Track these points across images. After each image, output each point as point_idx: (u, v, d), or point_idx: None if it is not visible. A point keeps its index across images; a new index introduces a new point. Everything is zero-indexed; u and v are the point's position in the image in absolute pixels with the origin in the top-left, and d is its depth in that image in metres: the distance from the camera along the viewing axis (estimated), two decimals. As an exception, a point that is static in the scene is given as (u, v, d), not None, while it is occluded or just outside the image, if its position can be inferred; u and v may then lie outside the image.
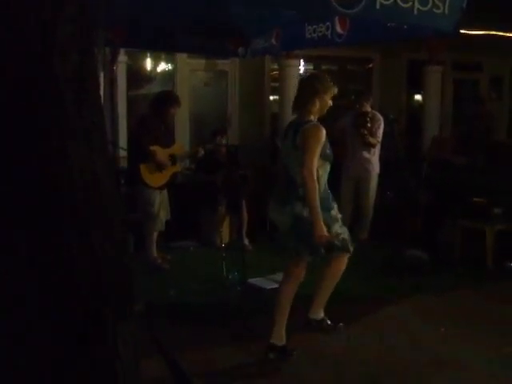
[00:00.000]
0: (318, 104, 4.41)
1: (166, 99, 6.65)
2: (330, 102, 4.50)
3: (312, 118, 4.43)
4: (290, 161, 4.43)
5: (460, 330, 5.09)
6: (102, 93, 5.03)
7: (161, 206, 6.64)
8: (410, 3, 4.37)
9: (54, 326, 2.21)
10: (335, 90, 4.51)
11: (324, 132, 4.31)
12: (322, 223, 4.19)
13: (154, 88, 10.47)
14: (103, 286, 2.24)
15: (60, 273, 2.20)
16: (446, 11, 4.57)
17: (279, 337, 4.44)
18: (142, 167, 6.42)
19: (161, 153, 6.50)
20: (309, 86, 4.46)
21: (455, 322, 5.27)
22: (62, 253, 2.19)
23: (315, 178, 4.21)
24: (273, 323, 4.46)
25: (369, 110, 7.51)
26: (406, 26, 4.91)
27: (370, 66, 12.80)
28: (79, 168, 2.17)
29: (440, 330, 5.04)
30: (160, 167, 6.50)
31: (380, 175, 7.56)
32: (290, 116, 10.60)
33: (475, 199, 7.13)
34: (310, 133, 4.30)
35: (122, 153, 7.80)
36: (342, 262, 4.69)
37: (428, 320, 5.32)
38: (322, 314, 4.78)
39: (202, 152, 7.11)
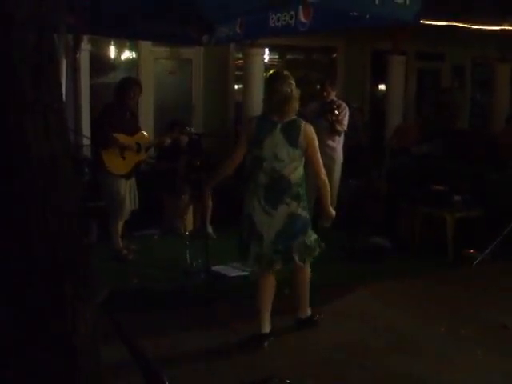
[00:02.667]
0: (296, 102, 4.52)
1: (124, 84, 6.64)
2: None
3: (295, 115, 4.53)
4: (281, 160, 4.43)
5: (420, 314, 5.20)
6: (64, 81, 4.99)
7: (127, 194, 6.59)
8: (372, -7, 4.42)
9: (15, 301, 2.23)
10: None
11: None
12: None
13: (118, 76, 10.36)
14: (62, 264, 2.27)
15: (19, 248, 2.22)
16: (407, 1, 4.64)
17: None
18: (104, 154, 6.36)
19: (125, 140, 6.46)
20: (287, 86, 4.48)
21: (416, 306, 5.39)
22: (20, 229, 2.21)
23: None
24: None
25: (335, 98, 7.56)
26: (368, 16, 4.95)
27: (335, 55, 12.86)
28: (36, 146, 2.19)
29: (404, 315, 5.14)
30: (123, 154, 6.44)
31: (343, 164, 7.62)
32: (253, 104, 10.67)
33: (436, 187, 7.24)
34: (312, 134, 4.52)
35: (86, 141, 7.75)
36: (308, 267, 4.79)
37: (389, 305, 5.42)
38: (309, 311, 4.91)
39: (168, 141, 7.08)
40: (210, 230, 7.23)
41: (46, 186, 2.24)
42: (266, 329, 4.57)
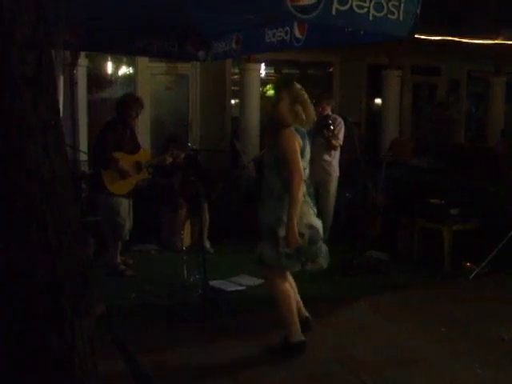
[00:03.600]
0: None
1: (127, 102, 6.62)
2: None
3: None
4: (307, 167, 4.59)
5: (419, 327, 5.19)
6: (61, 96, 5.02)
7: (127, 214, 6.57)
8: (366, 9, 4.45)
9: (14, 316, 2.25)
10: None
11: None
12: None
13: (115, 92, 10.45)
14: (61, 279, 2.29)
15: (18, 265, 2.24)
16: (401, 17, 4.67)
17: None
18: (105, 174, 6.33)
19: (125, 160, 6.43)
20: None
21: (414, 319, 5.38)
22: (20, 246, 2.24)
23: None
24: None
25: (330, 113, 7.59)
26: (362, 32, 4.99)
27: (331, 70, 12.95)
28: (36, 164, 2.23)
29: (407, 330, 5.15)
30: (123, 175, 6.44)
31: (340, 178, 7.64)
32: (250, 119, 10.70)
33: (433, 200, 7.27)
34: None
35: (83, 156, 7.77)
36: None
37: (387, 318, 5.41)
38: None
39: (170, 159, 7.04)
40: (207, 244, 7.24)
41: (45, 202, 2.27)
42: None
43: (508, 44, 11.76)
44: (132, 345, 4.27)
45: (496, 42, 11.77)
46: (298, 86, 4.61)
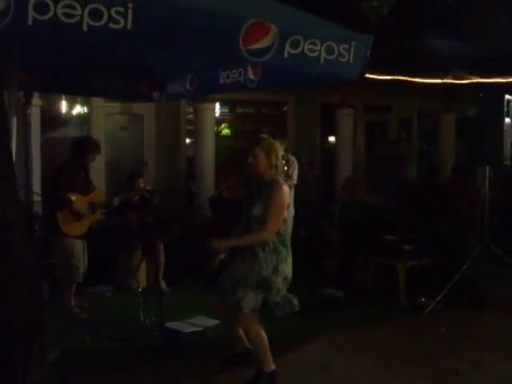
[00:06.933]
0: None
1: (86, 146, 6.60)
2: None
3: None
4: None
5: (374, 364, 5.22)
6: (15, 136, 4.99)
7: (82, 256, 6.51)
8: (317, 52, 4.57)
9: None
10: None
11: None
12: None
13: (69, 131, 10.41)
14: (15, 327, 2.26)
15: None
16: (351, 60, 4.80)
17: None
18: (60, 216, 6.29)
19: (80, 201, 6.39)
20: None
21: (371, 356, 5.41)
22: None
23: None
24: None
25: (283, 153, 7.66)
26: (314, 74, 5.10)
27: (285, 109, 13.12)
28: None
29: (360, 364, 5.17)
30: (78, 217, 6.39)
31: (295, 217, 7.69)
32: (205, 159, 10.72)
33: (386, 237, 7.37)
34: None
35: (37, 198, 7.68)
36: None
37: (344, 356, 5.43)
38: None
39: (116, 201, 6.99)
40: (163, 285, 7.19)
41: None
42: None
43: (457, 83, 12.12)
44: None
45: (445, 80, 12.11)
46: (266, 136, 4.76)
